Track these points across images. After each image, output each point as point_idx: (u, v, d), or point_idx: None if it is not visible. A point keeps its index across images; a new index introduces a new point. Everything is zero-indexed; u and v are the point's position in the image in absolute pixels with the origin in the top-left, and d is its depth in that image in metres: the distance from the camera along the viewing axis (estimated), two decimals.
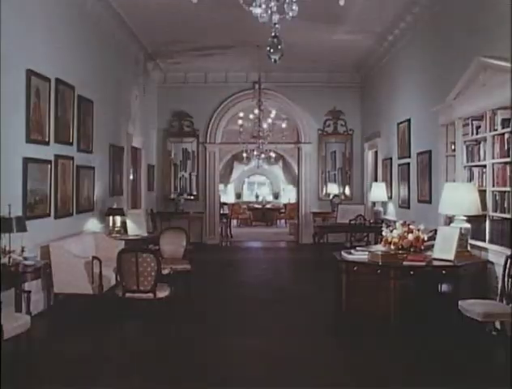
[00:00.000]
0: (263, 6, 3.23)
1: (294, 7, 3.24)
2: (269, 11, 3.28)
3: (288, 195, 23.62)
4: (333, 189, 13.19)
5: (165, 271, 5.84)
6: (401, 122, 9.32)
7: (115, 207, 8.57)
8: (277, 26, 3.44)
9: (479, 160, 6.02)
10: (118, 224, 8.69)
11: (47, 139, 6.42)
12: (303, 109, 13.06)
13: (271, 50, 3.70)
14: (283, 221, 20.41)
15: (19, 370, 4.34)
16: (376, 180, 11.31)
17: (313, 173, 13.24)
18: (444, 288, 5.66)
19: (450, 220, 6.36)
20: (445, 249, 5.51)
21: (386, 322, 5.32)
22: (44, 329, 5.60)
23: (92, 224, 8.09)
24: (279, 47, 3.64)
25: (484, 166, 5.85)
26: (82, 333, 5.49)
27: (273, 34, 3.58)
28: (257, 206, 21.41)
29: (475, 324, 4.64)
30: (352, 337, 5.40)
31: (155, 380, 4.23)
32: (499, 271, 5.20)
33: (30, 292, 5.25)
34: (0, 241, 5.08)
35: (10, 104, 5.54)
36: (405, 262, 5.41)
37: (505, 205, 5.38)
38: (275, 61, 3.77)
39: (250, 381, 4.22)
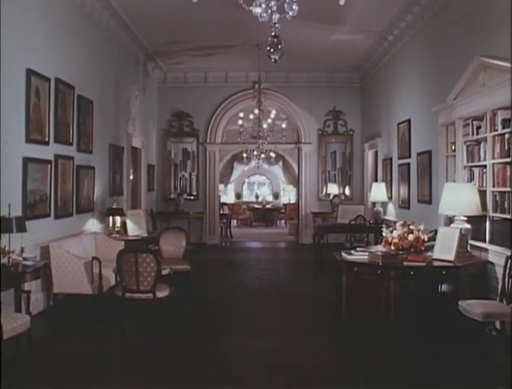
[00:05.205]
0: (263, 5, 3.22)
1: (294, 7, 3.22)
2: (269, 11, 3.26)
3: (288, 195, 23.62)
4: (333, 189, 13.18)
5: (165, 272, 5.83)
6: (401, 122, 9.32)
7: (115, 207, 8.56)
8: (277, 25, 3.42)
9: (479, 161, 6.02)
10: (118, 224, 8.68)
11: (47, 139, 6.42)
12: (303, 109, 13.05)
13: (271, 50, 3.69)
14: (283, 221, 20.40)
15: (18, 370, 4.33)
16: (376, 180, 11.30)
17: (313, 173, 13.23)
18: (444, 288, 5.65)
19: (450, 220, 6.35)
20: (445, 249, 5.50)
21: (386, 323, 5.32)
22: (44, 329, 5.59)
23: (92, 224, 8.09)
24: (280, 47, 3.63)
25: (485, 166, 5.84)
26: (81, 333, 5.47)
27: (273, 34, 3.57)
28: (257, 206, 21.40)
29: (475, 324, 4.63)
30: (352, 337, 5.39)
31: (155, 380, 4.22)
32: (499, 271, 5.21)
33: (29, 292, 5.25)
34: (0, 241, 5.07)
35: (10, 104, 5.53)
36: (405, 263, 5.41)
37: (506, 205, 5.37)
38: (276, 60, 3.76)
39: (250, 381, 4.22)
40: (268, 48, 3.70)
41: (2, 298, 4.25)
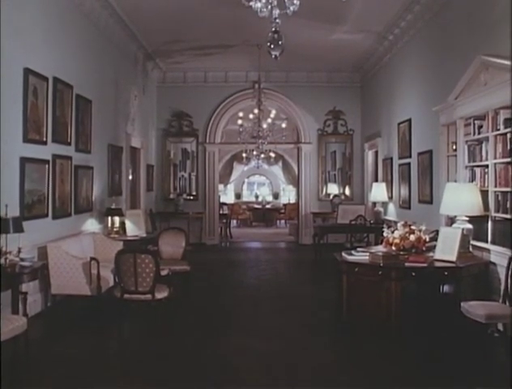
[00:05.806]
0: (263, 0, 3.15)
1: (295, 1, 3.16)
2: (269, 6, 3.20)
3: (288, 195, 23.59)
4: (333, 189, 13.15)
5: (164, 272, 5.78)
6: (401, 122, 9.28)
7: (114, 207, 8.51)
8: (277, 21, 3.36)
9: (480, 160, 5.97)
10: (117, 224, 8.62)
11: (45, 139, 6.36)
12: (303, 108, 13.02)
13: (272, 46, 3.62)
14: (282, 222, 20.36)
15: (16, 372, 4.28)
16: (376, 180, 11.26)
17: (313, 173, 13.19)
18: (446, 289, 5.61)
19: (451, 220, 6.31)
20: (446, 250, 5.46)
21: (387, 324, 5.28)
22: (42, 330, 5.56)
23: (91, 224, 8.04)
24: (280, 43, 3.57)
25: (486, 166, 5.80)
26: (80, 334, 5.43)
27: (273, 29, 3.50)
28: (256, 206, 21.36)
29: (477, 326, 4.59)
30: (353, 337, 5.35)
31: (154, 381, 4.19)
32: (501, 272, 5.17)
33: (27, 293, 5.19)
34: None
35: (8, 103, 5.48)
36: (406, 264, 5.36)
37: (508, 205, 5.33)
38: (276, 57, 3.70)
39: (250, 381, 4.18)
40: (268, 44, 3.63)
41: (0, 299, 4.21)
